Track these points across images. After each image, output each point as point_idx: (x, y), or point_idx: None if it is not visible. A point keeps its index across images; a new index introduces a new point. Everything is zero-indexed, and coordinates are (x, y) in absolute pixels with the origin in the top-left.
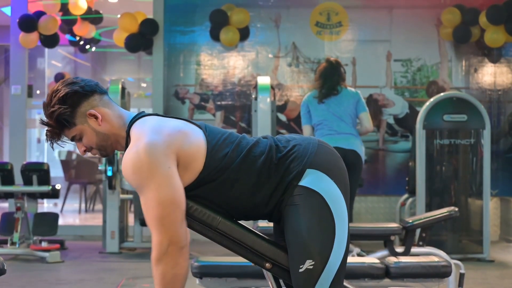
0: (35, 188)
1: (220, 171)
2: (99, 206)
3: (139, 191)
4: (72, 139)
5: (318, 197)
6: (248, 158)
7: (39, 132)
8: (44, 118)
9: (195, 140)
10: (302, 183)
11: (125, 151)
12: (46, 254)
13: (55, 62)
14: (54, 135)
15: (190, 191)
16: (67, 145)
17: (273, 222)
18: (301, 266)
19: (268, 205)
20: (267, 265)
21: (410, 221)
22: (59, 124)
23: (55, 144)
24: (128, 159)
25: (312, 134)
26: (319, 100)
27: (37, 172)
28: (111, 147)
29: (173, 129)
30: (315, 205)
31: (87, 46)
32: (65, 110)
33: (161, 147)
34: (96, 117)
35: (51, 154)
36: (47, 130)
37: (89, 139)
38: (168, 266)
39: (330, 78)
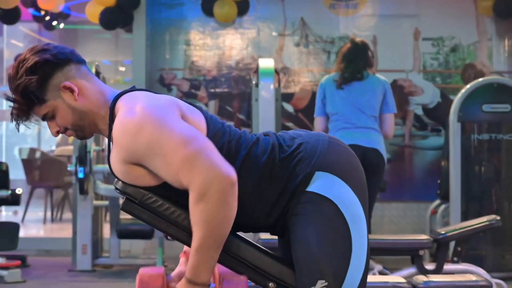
0: None
1: None
2: (68, 215)
3: (150, 153)
4: (43, 118)
5: (330, 204)
6: (248, 158)
7: None
8: (10, 94)
9: (196, 119)
10: (311, 188)
11: (108, 132)
12: (4, 272)
13: (16, 41)
14: (21, 113)
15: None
16: (30, 142)
17: (276, 236)
18: None
19: (271, 215)
20: (271, 284)
21: (443, 232)
22: (28, 99)
23: (21, 125)
24: (123, 126)
25: (326, 127)
26: (338, 85)
27: None
28: (89, 127)
29: (172, 101)
30: (326, 214)
31: (54, 22)
32: (35, 83)
33: (163, 105)
34: (72, 91)
35: (11, 152)
36: (13, 108)
37: (63, 117)
38: (215, 205)
39: (354, 62)
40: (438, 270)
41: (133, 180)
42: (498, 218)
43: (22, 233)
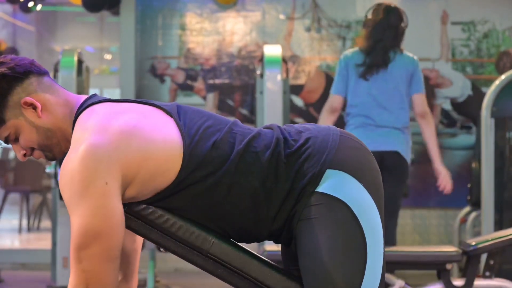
0: None
1: (205, 169)
2: (46, 223)
3: (69, 212)
4: (6, 141)
5: (343, 207)
6: (248, 154)
7: None
8: None
9: (162, 134)
10: (321, 189)
11: None
12: None
13: None
14: None
15: (166, 198)
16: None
17: (281, 244)
18: None
19: (276, 220)
20: None
21: (473, 243)
22: None
23: None
24: (62, 169)
25: (340, 108)
26: (361, 75)
27: None
28: (59, 146)
29: (126, 126)
30: (338, 218)
31: (31, 4)
32: None
33: (104, 153)
34: (34, 107)
35: None
36: None
37: (27, 137)
38: None
39: (382, 42)
40: (467, 287)
41: None
42: None
43: None
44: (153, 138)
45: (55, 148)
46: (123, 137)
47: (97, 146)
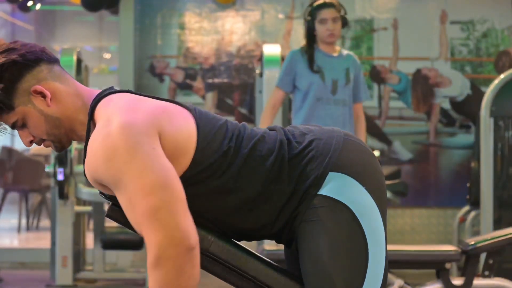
0: None
1: (213, 171)
2: (45, 223)
3: (116, 187)
4: (13, 127)
5: (345, 210)
6: (252, 158)
7: None
8: None
9: (184, 124)
10: (323, 191)
11: (85, 140)
12: None
13: None
14: None
15: None
16: (2, 140)
17: (283, 245)
18: None
19: (277, 221)
20: None
21: (472, 242)
22: None
23: None
24: (96, 145)
25: None
26: None
27: None
28: (66, 136)
29: (155, 107)
30: (340, 221)
31: (30, 3)
32: (1, 88)
33: (141, 126)
34: (43, 95)
35: None
36: None
37: (35, 125)
38: (170, 274)
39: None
40: (467, 286)
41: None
42: None
43: None
44: (178, 121)
45: (63, 137)
46: (154, 117)
47: (132, 122)
